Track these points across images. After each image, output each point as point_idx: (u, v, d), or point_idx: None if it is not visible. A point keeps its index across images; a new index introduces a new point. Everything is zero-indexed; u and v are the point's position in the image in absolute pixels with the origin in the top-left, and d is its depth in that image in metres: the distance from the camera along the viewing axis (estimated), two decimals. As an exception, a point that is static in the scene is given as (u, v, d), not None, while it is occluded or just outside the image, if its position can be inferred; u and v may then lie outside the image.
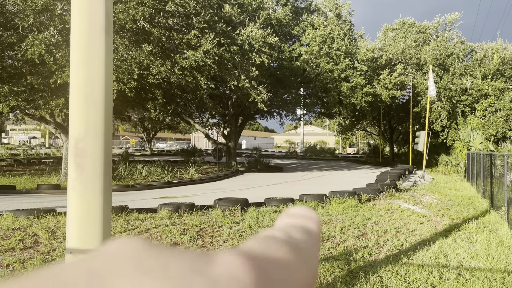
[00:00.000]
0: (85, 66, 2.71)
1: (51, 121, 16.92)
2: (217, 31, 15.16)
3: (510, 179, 9.57)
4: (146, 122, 44.78)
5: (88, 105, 2.68)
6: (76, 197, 2.66)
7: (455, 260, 6.05)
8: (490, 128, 24.66)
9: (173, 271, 0.22)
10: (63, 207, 7.87)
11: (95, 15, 2.73)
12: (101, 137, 2.69)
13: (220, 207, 9.13)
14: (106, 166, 2.73)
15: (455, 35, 31.23)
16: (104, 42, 2.77)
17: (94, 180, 2.66)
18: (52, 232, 6.84)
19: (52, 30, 12.29)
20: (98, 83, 2.72)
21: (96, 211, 2.68)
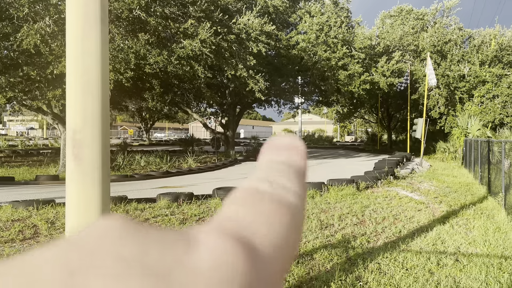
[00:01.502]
0: (81, 56, 2.69)
1: (48, 112, 16.87)
2: (213, 20, 15.05)
3: (507, 166, 9.61)
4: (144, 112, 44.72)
5: (85, 95, 2.67)
6: (74, 188, 2.66)
7: (453, 246, 6.10)
8: (488, 115, 24.69)
9: (153, 263, 0.20)
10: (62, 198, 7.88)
11: (90, 5, 2.70)
12: (98, 127, 2.69)
13: (219, 196, 9.16)
14: (104, 157, 2.73)
15: (453, 22, 31.07)
16: (100, 32, 2.75)
17: (93, 170, 2.67)
18: (51, 223, 6.86)
19: (48, 20, 12.18)
20: (95, 73, 2.71)
21: (95, 202, 2.69)
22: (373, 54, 25.66)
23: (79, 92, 2.67)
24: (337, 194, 10.15)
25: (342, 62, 22.62)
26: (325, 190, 10.49)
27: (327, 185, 10.91)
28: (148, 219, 7.22)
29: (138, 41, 14.07)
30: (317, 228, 6.94)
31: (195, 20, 14.47)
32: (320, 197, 9.87)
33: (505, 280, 4.63)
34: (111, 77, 14.63)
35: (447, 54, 26.84)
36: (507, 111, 24.71)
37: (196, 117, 26.97)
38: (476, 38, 28.31)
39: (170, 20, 14.44)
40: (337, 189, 10.61)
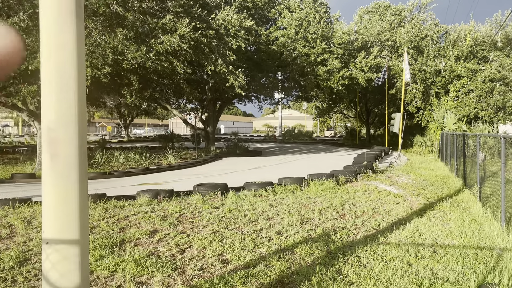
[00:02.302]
0: (56, 51, 2.63)
1: (23, 109, 16.50)
2: (192, 15, 14.92)
3: (482, 158, 9.84)
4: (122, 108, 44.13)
5: (61, 92, 2.62)
6: (51, 187, 2.61)
7: (430, 238, 6.22)
8: (463, 109, 25.20)
9: None
10: (38, 196, 7.73)
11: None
12: (74, 124, 2.64)
13: (199, 192, 9.13)
14: (81, 155, 2.68)
15: (429, 17, 31.58)
16: (75, 27, 2.69)
17: (69, 169, 2.62)
18: (28, 222, 6.73)
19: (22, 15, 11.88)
20: (70, 69, 2.65)
21: (72, 200, 2.64)
22: (352, 49, 25.86)
23: (54, 88, 2.61)
24: (317, 188, 10.23)
25: (321, 57, 22.73)
26: (305, 185, 10.55)
27: (307, 180, 10.99)
28: (127, 217, 7.15)
29: (116, 37, 13.85)
30: (297, 223, 6.99)
31: (173, 15, 14.32)
32: (301, 192, 9.93)
33: (481, 271, 4.75)
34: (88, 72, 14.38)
35: (423, 49, 27.25)
36: (482, 105, 25.26)
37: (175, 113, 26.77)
38: (452, 33, 28.83)
39: (148, 15, 14.25)
40: (317, 183, 10.69)
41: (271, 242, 5.91)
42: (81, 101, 2.71)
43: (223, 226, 6.68)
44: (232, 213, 7.59)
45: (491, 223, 7.00)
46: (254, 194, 9.41)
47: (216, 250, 5.46)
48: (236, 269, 4.81)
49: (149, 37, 14.54)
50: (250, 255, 5.33)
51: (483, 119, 24.78)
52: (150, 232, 6.24)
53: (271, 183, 10.22)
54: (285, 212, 7.74)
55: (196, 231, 6.39)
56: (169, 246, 5.63)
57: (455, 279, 4.55)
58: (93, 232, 6.20)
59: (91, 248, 5.33)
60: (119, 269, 4.74)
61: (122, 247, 5.57)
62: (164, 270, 4.72)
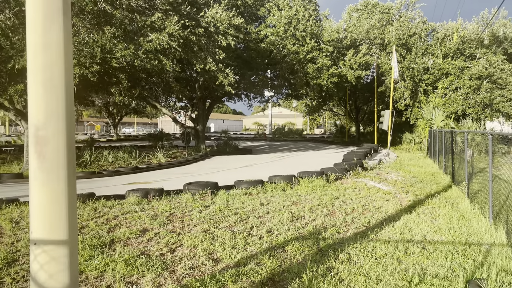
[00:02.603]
0: (43, 50, 2.60)
1: (10, 108, 16.29)
2: (181, 13, 14.84)
3: (470, 155, 9.94)
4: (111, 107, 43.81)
5: (48, 91, 2.58)
6: (38, 187, 2.58)
7: (419, 235, 6.27)
8: (451, 106, 25.43)
9: None
10: (26, 197, 7.63)
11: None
12: (62, 123, 2.61)
13: (189, 191, 9.10)
14: (69, 154, 2.65)
15: (417, 15, 31.78)
16: (62, 25, 2.66)
17: (57, 168, 2.59)
18: (16, 223, 6.65)
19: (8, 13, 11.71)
20: (58, 67, 2.62)
21: (60, 200, 2.61)
22: (341, 47, 25.93)
23: (41, 87, 2.58)
24: (308, 186, 10.26)
25: (311, 55, 22.76)
26: (295, 183, 10.58)
27: (297, 177, 11.01)
28: (117, 216, 7.10)
29: (104, 35, 13.72)
30: (288, 221, 7.00)
31: (162, 13, 14.23)
32: (291, 190, 9.95)
33: (469, 266, 4.80)
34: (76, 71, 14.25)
35: (411, 47, 27.43)
36: (469, 102, 25.52)
37: (165, 111, 26.61)
38: (439, 31, 29.07)
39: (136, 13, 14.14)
40: (308, 181, 10.72)
41: (262, 240, 5.91)
42: (68, 100, 2.68)
43: (213, 224, 6.67)
44: (223, 211, 7.58)
45: (479, 219, 7.07)
46: (244, 192, 9.40)
47: (207, 249, 5.45)
48: (227, 268, 4.80)
49: (137, 35, 14.43)
50: (241, 253, 5.33)
51: (470, 116, 25.03)
52: (140, 232, 6.21)
53: (262, 181, 10.22)
54: (275, 210, 7.74)
55: (187, 230, 6.36)
56: (159, 246, 5.61)
57: (444, 275, 4.60)
58: (82, 232, 6.15)
59: (80, 248, 5.29)
60: (109, 269, 4.71)
61: (111, 247, 5.53)
62: (154, 270, 4.70)
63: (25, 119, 15.40)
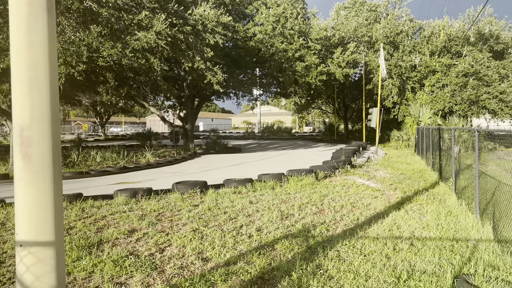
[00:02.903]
0: (27, 49, 2.56)
1: (-5, 108, 16.06)
2: (169, 11, 14.75)
3: (457, 152, 10.05)
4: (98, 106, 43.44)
5: (32, 90, 2.55)
6: (24, 188, 2.54)
7: (408, 231, 6.32)
8: (438, 103, 25.68)
9: None
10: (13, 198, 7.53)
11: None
12: (48, 124, 2.57)
13: (178, 190, 9.06)
14: (55, 154, 2.62)
15: (404, 13, 32.00)
16: (46, 23, 2.62)
17: (43, 169, 2.55)
18: (1, 224, 6.56)
19: (-9, 11, 11.54)
20: (42, 67, 2.58)
21: (46, 201, 2.58)
22: (329, 45, 26.01)
23: (26, 87, 2.54)
24: (297, 184, 10.28)
25: (299, 53, 22.80)
26: (285, 181, 10.59)
27: (287, 176, 11.03)
28: (105, 217, 7.04)
29: (90, 33, 13.59)
30: (277, 219, 7.01)
31: (149, 11, 14.13)
32: (280, 188, 9.96)
33: (457, 262, 4.85)
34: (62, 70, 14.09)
35: (399, 45, 27.62)
36: (456, 99, 25.79)
37: (153, 110, 26.47)
38: (426, 29, 29.32)
39: (123, 11, 14.02)
40: (297, 179, 10.74)
41: (251, 238, 5.91)
42: (53, 100, 2.64)
43: (203, 224, 6.65)
44: (212, 210, 7.56)
45: (466, 215, 7.15)
46: (234, 191, 9.39)
47: (196, 248, 5.43)
48: (216, 267, 4.79)
49: (124, 34, 14.32)
50: (231, 252, 5.32)
51: (457, 113, 25.29)
52: (128, 232, 6.16)
53: (251, 180, 10.22)
54: (265, 209, 7.75)
55: (176, 230, 6.33)
56: (148, 246, 5.57)
57: (432, 270, 4.64)
58: (69, 233, 6.09)
59: (67, 249, 5.23)
60: (97, 270, 4.66)
61: (99, 247, 5.48)
62: (143, 270, 4.67)
63: (10, 119, 15.12)
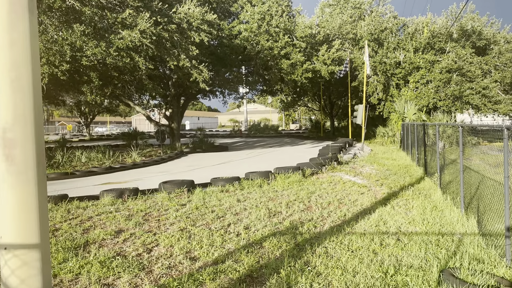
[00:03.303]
0: (8, 49, 2.52)
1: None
2: (153, 10, 14.65)
3: (441, 147, 10.18)
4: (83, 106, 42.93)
5: (15, 91, 2.51)
6: (7, 190, 2.50)
7: (394, 227, 6.38)
8: (423, 99, 25.96)
9: None
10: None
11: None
12: (31, 125, 2.53)
13: (165, 190, 9.01)
14: (39, 156, 2.58)
15: (388, 10, 32.28)
16: (28, 23, 2.58)
17: (26, 171, 2.52)
18: (-15, 227, 6.44)
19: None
20: (25, 67, 2.55)
21: (30, 203, 2.54)
22: (314, 43, 26.11)
23: (8, 88, 2.50)
24: (284, 182, 10.30)
25: (285, 51, 22.84)
26: (272, 179, 10.61)
27: (274, 173, 11.04)
28: (91, 217, 6.97)
29: (74, 32, 13.43)
30: (265, 217, 7.02)
31: (133, 9, 14.01)
32: (268, 186, 9.98)
33: (442, 256, 4.91)
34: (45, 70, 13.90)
35: (383, 42, 27.85)
36: (440, 95, 26.10)
37: (138, 109, 26.27)
38: (410, 26, 29.60)
39: (106, 10, 13.89)
40: (284, 177, 10.76)
41: (239, 237, 5.91)
42: (37, 100, 2.61)
43: (190, 223, 6.63)
44: (199, 209, 7.54)
45: (451, 209, 7.25)
46: (221, 189, 9.38)
47: (184, 248, 5.41)
48: (204, 266, 4.78)
49: (108, 33, 14.17)
50: (219, 251, 5.31)
51: (441, 109, 25.61)
52: (115, 232, 6.11)
53: (238, 178, 10.21)
54: (252, 207, 7.75)
55: (163, 229, 6.30)
56: (135, 246, 5.53)
57: (418, 265, 4.69)
58: (55, 235, 6.02)
59: (53, 251, 5.17)
60: (84, 271, 4.62)
61: (86, 248, 5.42)
62: (130, 271, 4.64)
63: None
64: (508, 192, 4.70)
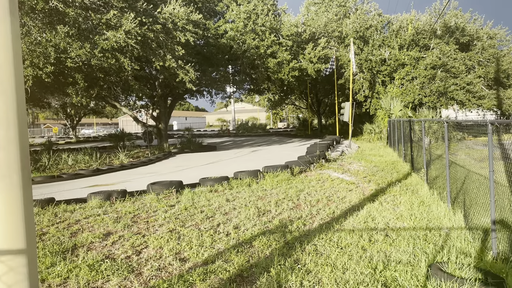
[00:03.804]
0: (-11, 52, 2.47)
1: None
2: (137, 10, 14.54)
3: (428, 143, 10.28)
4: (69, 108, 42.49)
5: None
6: (-9, 195, 2.46)
7: (382, 223, 6.43)
8: (408, 96, 26.20)
9: None
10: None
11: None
12: (14, 128, 2.49)
13: (153, 191, 8.96)
14: (23, 159, 2.55)
15: (372, 8, 32.48)
16: (9, 25, 2.54)
17: (10, 175, 2.48)
18: (-30, 233, 6.33)
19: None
20: (6, 70, 2.51)
21: (15, 208, 2.50)
22: (300, 41, 26.16)
23: (-11, 91, 2.45)
24: (273, 180, 10.32)
25: (271, 50, 22.85)
26: (261, 178, 10.62)
27: (262, 172, 11.05)
28: (79, 221, 6.90)
29: (57, 34, 13.27)
30: (254, 216, 7.02)
31: (117, 10, 13.89)
32: (257, 185, 9.98)
33: (430, 250, 4.97)
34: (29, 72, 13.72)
35: (368, 39, 28.02)
36: (425, 91, 26.37)
37: (125, 111, 26.05)
38: (395, 23, 29.83)
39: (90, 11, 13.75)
40: (273, 175, 10.78)
41: (229, 236, 5.90)
42: (20, 103, 2.57)
43: (179, 224, 6.60)
44: (188, 210, 7.51)
45: (438, 204, 7.33)
46: (210, 189, 9.36)
47: (174, 249, 5.39)
48: (194, 267, 4.76)
49: (93, 34, 14.04)
50: (208, 251, 5.30)
51: (427, 105, 25.87)
52: (103, 235, 6.06)
53: (227, 178, 10.20)
54: (242, 206, 7.75)
55: (152, 231, 6.27)
56: (124, 248, 5.49)
57: (407, 260, 4.74)
58: (42, 239, 5.94)
59: (41, 255, 5.11)
60: (72, 275, 4.57)
61: (74, 252, 5.37)
62: (120, 273, 4.60)
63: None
64: (493, 186, 4.77)
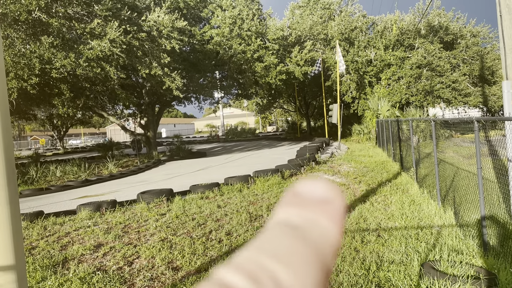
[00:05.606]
0: (-29, 65, 2.43)
1: None
2: (121, 19, 14.47)
3: (416, 141, 10.36)
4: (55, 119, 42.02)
5: (-20, 109, 2.42)
6: (-23, 212, 2.41)
7: (374, 223, 6.45)
8: (395, 96, 26.42)
9: None
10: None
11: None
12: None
13: (144, 200, 8.88)
14: (9, 173, 2.50)
15: (357, 9, 32.77)
16: (-10, 38, 2.50)
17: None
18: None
19: None
20: (-11, 83, 2.46)
21: (3, 224, 2.46)
22: (286, 44, 26.28)
23: (-28, 105, 2.41)
24: (264, 185, 10.30)
25: (258, 54, 22.90)
26: (252, 182, 10.59)
27: (253, 177, 11.03)
28: (69, 233, 6.81)
29: (42, 45, 13.15)
30: (246, 221, 6.99)
31: (101, 19, 13.82)
32: (248, 190, 9.95)
33: (422, 249, 4.99)
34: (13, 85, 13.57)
35: (354, 41, 28.23)
36: (412, 90, 26.62)
37: (112, 120, 25.87)
38: (379, 24, 30.11)
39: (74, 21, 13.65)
40: (263, 180, 10.76)
41: (222, 243, 5.86)
42: (4, 116, 2.53)
43: (171, 232, 6.55)
44: (180, 218, 7.46)
45: (428, 203, 7.38)
46: (201, 196, 9.31)
47: (166, 258, 5.34)
48: (187, 275, 4.72)
49: (77, 43, 13.94)
50: (201, 259, 5.26)
51: (414, 104, 26.11)
52: (94, 247, 5.99)
53: (218, 184, 10.16)
54: (233, 212, 7.71)
55: (143, 241, 6.21)
56: (116, 259, 5.43)
57: (400, 260, 4.75)
58: (32, 253, 5.85)
59: (31, 270, 5.03)
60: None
61: (65, 265, 5.29)
62: (112, 285, 4.55)
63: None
64: (482, 183, 4.81)
